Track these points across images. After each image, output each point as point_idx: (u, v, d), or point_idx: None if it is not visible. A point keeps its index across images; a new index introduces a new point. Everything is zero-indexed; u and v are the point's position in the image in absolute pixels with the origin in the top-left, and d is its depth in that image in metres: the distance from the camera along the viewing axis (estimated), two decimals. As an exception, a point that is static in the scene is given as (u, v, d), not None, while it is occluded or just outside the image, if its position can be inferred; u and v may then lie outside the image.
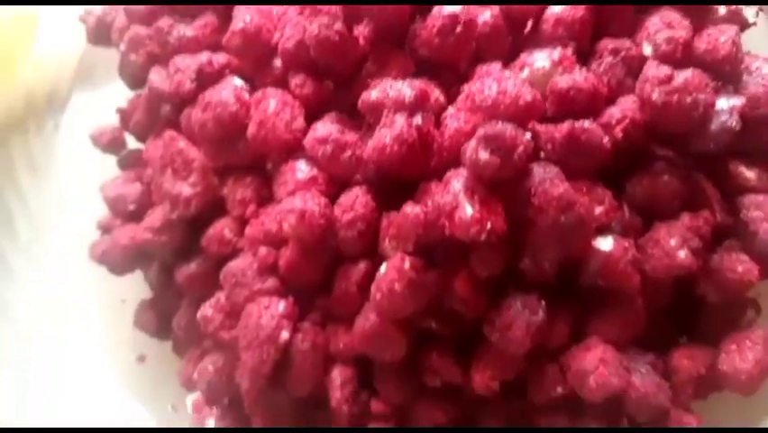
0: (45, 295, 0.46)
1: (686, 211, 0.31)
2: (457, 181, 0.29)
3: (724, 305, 0.32)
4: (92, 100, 0.48)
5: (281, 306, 0.32)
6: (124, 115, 0.44)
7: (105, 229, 0.44)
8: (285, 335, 0.31)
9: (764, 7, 0.35)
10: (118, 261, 0.42)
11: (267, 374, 0.32)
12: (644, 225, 0.32)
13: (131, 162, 0.45)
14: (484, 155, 0.28)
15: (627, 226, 0.32)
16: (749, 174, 0.32)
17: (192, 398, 0.41)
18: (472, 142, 0.28)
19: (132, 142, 0.45)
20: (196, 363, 0.40)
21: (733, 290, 0.31)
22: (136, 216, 0.42)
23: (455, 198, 0.28)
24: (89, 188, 0.46)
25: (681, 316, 0.33)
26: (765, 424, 0.34)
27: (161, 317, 0.43)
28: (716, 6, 0.34)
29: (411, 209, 0.30)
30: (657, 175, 0.32)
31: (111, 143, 0.45)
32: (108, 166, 0.45)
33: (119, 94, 0.46)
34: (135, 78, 0.43)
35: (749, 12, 0.35)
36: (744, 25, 0.34)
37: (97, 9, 0.44)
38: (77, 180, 0.47)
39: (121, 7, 0.43)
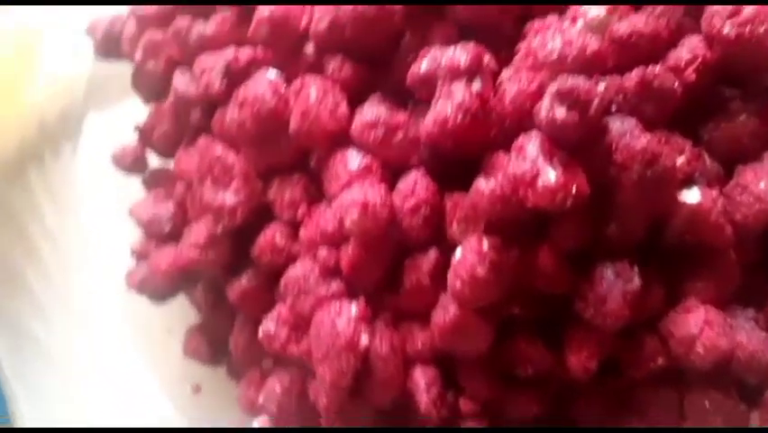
0: (82, 334, 0.43)
1: (768, 151, 0.29)
2: (532, 146, 0.27)
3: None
4: (107, 119, 0.46)
5: (354, 309, 0.30)
6: (144, 131, 0.42)
7: (140, 255, 0.42)
8: (365, 340, 0.29)
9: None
10: (160, 287, 0.40)
11: (348, 386, 0.30)
12: (726, 171, 0.30)
13: (157, 181, 0.42)
14: (561, 112, 0.26)
15: (711, 175, 0.29)
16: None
17: (258, 423, 0.39)
18: (545, 101, 0.26)
19: (152, 160, 0.44)
20: (258, 386, 0.37)
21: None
22: (172, 237, 0.39)
23: (534, 164, 0.26)
24: (115, 212, 0.44)
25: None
26: None
27: (213, 341, 0.40)
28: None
29: (485, 184, 0.28)
30: (734, 116, 0.30)
31: (134, 163, 0.42)
32: (129, 186, 0.43)
33: (134, 110, 0.44)
34: (153, 89, 0.41)
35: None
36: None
37: (103, 20, 0.42)
38: (102, 206, 0.44)
39: (129, 14, 0.41)
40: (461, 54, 0.28)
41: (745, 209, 0.28)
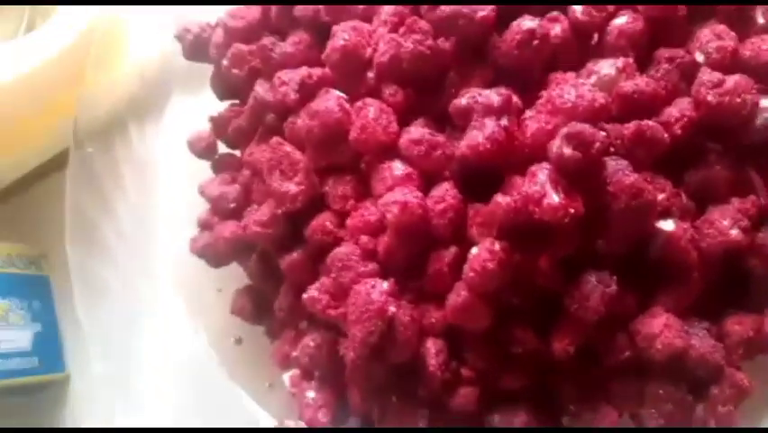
0: (147, 284, 0.51)
1: (735, 196, 0.36)
2: (542, 174, 0.34)
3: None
4: (185, 106, 0.53)
5: (385, 285, 0.37)
6: (218, 123, 0.50)
7: (204, 226, 0.50)
8: (392, 308, 0.36)
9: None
10: (219, 253, 0.47)
11: (375, 344, 0.37)
12: (698, 209, 0.37)
13: (224, 166, 0.50)
14: (567, 151, 0.33)
15: (685, 211, 0.37)
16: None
17: (288, 375, 0.47)
18: (557, 141, 0.34)
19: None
20: (293, 343, 0.45)
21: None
22: (235, 214, 0.47)
23: (543, 187, 0.33)
24: (183, 187, 0.51)
25: (732, 289, 0.38)
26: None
27: (257, 303, 0.48)
28: (755, 16, 0.39)
29: (502, 198, 0.35)
30: (710, 166, 0.37)
31: (206, 149, 0.50)
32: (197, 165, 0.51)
33: (208, 103, 0.51)
34: (230, 90, 0.48)
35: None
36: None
37: (193, 26, 0.50)
38: (173, 180, 0.52)
39: (218, 24, 0.48)
40: (494, 96, 0.36)
41: (710, 240, 0.36)
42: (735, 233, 0.35)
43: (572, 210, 0.33)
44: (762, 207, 0.36)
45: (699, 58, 0.37)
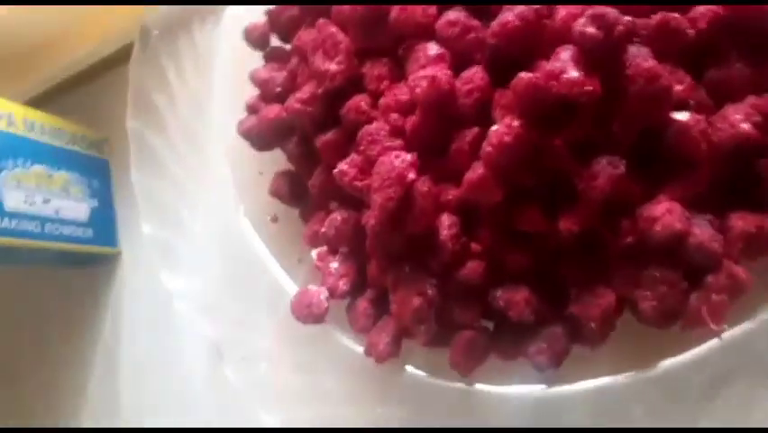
0: (198, 158, 0.56)
1: (754, 93, 0.37)
2: (565, 53, 0.36)
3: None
4: (245, 9, 0.58)
5: (409, 156, 0.41)
6: (273, 15, 0.53)
7: (252, 110, 0.54)
8: (412, 175, 0.40)
9: None
10: (263, 134, 0.52)
11: (393, 209, 0.40)
12: (716, 106, 0.38)
13: (276, 56, 0.54)
14: (591, 29, 0.35)
15: (702, 105, 0.38)
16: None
17: (316, 251, 0.51)
18: (581, 20, 0.36)
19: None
20: (322, 222, 0.49)
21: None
22: (281, 98, 0.51)
23: (564, 64, 0.36)
24: (239, 79, 0.56)
25: (740, 187, 0.39)
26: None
27: (294, 186, 0.52)
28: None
29: (525, 75, 0.37)
30: (731, 64, 0.38)
31: (260, 38, 0.54)
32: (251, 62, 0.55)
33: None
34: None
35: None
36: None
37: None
38: (229, 71, 0.57)
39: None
40: (524, -17, 0.38)
41: (721, 133, 0.37)
42: (746, 126, 0.36)
43: (590, 87, 0.35)
44: (780, 106, 0.37)
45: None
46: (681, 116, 0.37)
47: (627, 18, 0.35)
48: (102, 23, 0.64)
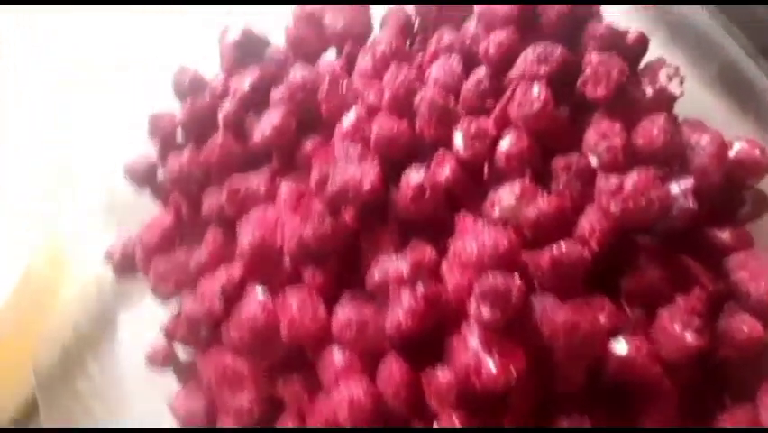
0: None
1: (679, 291, 0.34)
2: (472, 338, 0.32)
3: (747, 362, 0.34)
4: (135, 317, 0.53)
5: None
6: (169, 332, 0.49)
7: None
8: None
9: (683, 75, 0.38)
10: None
11: None
12: (647, 314, 0.35)
13: (187, 376, 0.49)
14: (486, 312, 0.32)
15: (633, 323, 0.34)
16: (723, 236, 0.35)
17: None
18: (473, 302, 0.32)
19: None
20: None
21: (747, 349, 0.33)
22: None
23: (476, 355, 0.32)
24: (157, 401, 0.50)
25: (715, 382, 0.35)
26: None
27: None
28: (642, 90, 0.37)
29: (441, 375, 0.33)
30: (642, 270, 0.34)
31: (165, 360, 0.49)
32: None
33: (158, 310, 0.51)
34: (169, 297, 0.48)
35: (673, 85, 0.38)
36: (672, 101, 0.38)
37: (117, 246, 0.50)
38: (145, 398, 0.51)
39: (137, 240, 0.49)
40: (402, 264, 0.35)
41: (667, 348, 0.33)
42: (689, 337, 0.32)
43: (513, 372, 0.31)
44: (710, 294, 0.34)
45: (593, 161, 0.35)
46: (620, 349, 0.33)
47: (517, 279, 0.32)
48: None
